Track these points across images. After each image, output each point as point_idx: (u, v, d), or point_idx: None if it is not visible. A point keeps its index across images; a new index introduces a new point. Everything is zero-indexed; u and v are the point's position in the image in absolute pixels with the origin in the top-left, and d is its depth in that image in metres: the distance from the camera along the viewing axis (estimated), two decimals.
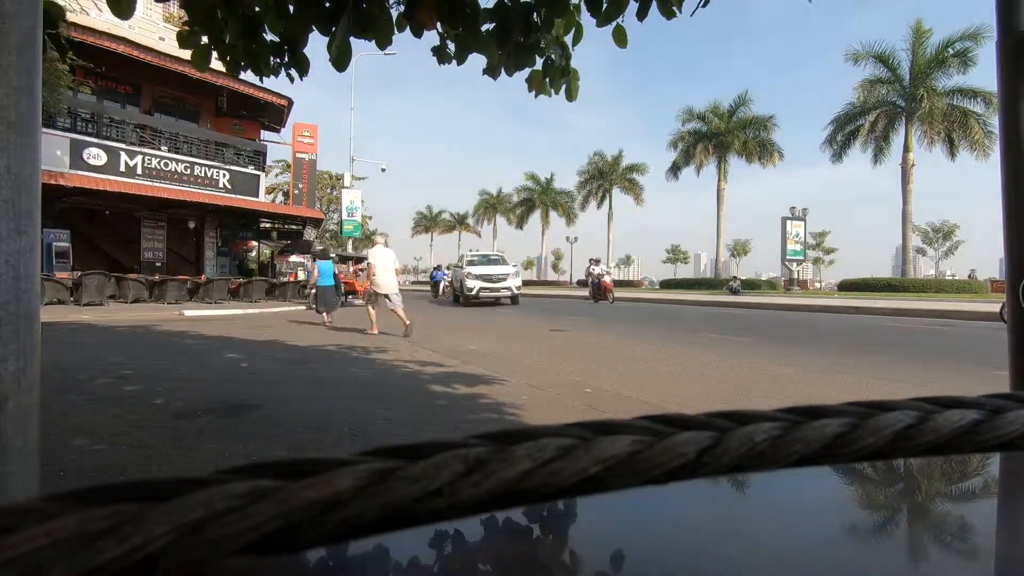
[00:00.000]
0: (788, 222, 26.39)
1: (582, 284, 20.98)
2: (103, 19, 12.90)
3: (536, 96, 2.29)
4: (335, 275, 9.51)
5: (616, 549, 0.32)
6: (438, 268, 24.45)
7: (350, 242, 25.73)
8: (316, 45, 2.33)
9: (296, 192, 20.73)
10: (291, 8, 1.88)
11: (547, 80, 2.22)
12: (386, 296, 7.98)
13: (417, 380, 4.12)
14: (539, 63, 2.16)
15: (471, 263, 16.01)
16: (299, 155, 20.55)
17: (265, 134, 20.68)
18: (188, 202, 15.76)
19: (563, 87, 2.27)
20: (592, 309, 14.30)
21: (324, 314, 9.35)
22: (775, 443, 0.17)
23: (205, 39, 1.94)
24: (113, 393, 3.61)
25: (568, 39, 2.18)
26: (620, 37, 2.05)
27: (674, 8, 1.93)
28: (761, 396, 3.73)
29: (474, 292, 14.82)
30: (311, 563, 0.29)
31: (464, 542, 0.34)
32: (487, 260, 16.34)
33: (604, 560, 0.31)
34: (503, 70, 2.11)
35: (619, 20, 1.96)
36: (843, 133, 26.54)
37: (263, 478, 0.14)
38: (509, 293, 15.20)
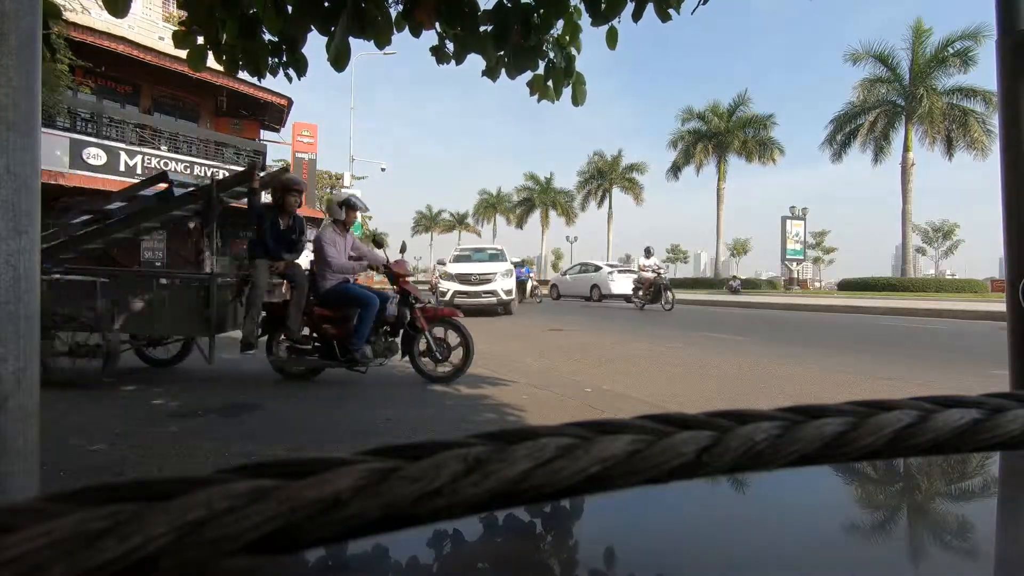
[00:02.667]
0: (788, 221, 26.42)
1: None
2: (102, 19, 12.90)
3: (539, 100, 2.27)
4: None
5: (616, 549, 0.32)
6: (522, 264, 16.50)
7: None
8: (315, 45, 2.33)
9: None
10: (289, 8, 1.88)
11: (549, 84, 2.20)
12: None
13: (417, 380, 4.12)
14: (541, 67, 2.15)
15: (458, 259, 12.31)
16: (299, 155, 20.55)
17: (265, 134, 20.65)
18: None
19: (568, 91, 2.25)
20: None
21: None
22: (775, 443, 0.17)
23: (201, 39, 1.94)
24: (113, 393, 3.61)
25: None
26: (612, 38, 2.05)
27: (670, 10, 1.93)
28: (761, 395, 3.72)
29: (447, 297, 11.17)
30: (311, 563, 0.29)
31: (464, 542, 0.34)
32: (483, 255, 12.53)
33: (604, 560, 0.31)
34: (504, 72, 2.10)
35: (614, 21, 1.96)
36: (843, 133, 26.51)
37: (263, 478, 0.14)
38: (495, 300, 11.20)
